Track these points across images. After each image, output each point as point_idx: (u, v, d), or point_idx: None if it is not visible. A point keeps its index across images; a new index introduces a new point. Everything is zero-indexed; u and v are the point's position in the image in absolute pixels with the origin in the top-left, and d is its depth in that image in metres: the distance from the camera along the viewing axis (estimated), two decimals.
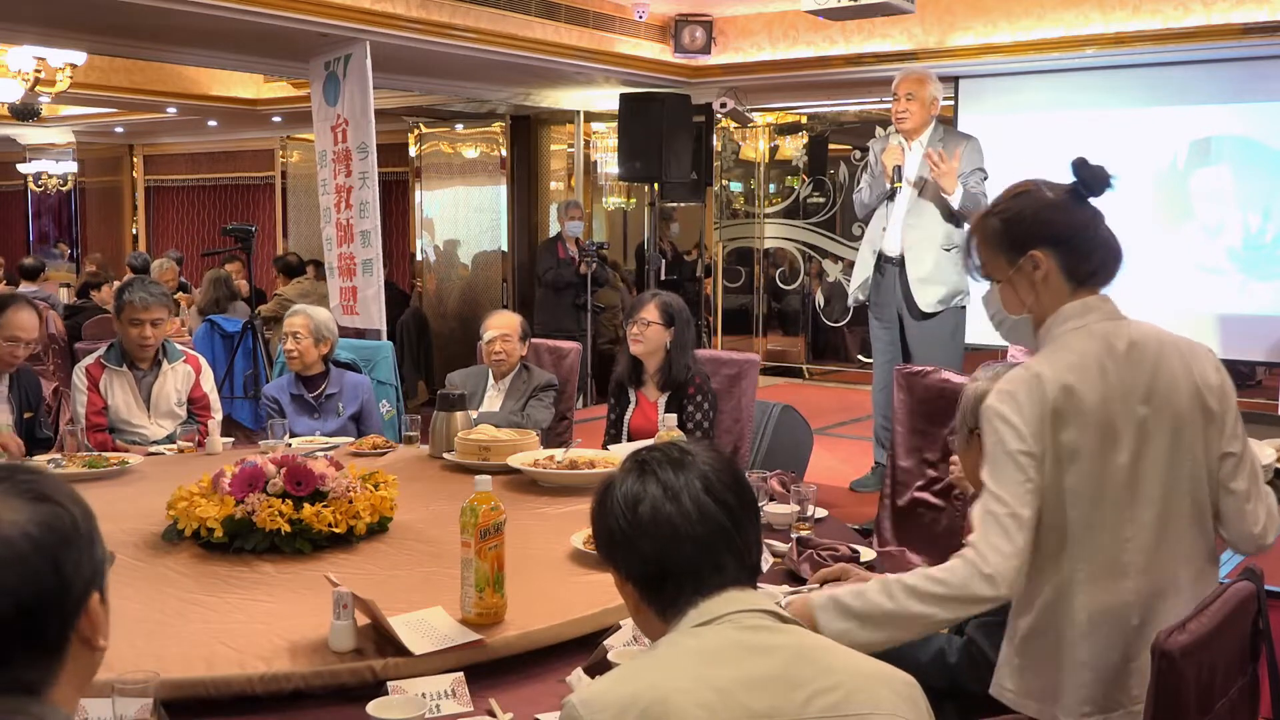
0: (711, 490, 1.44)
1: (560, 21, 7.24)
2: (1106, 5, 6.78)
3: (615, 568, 1.50)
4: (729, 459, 1.53)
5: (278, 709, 1.88)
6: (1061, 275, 1.97)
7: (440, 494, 3.15)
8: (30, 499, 1.17)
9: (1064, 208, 1.99)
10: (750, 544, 1.47)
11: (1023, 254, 1.98)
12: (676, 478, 1.44)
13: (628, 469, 1.49)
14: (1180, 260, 7.19)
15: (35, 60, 7.69)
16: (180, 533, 2.61)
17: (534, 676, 2.00)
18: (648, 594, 1.45)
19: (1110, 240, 2.01)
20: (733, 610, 1.38)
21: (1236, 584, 1.83)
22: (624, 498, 1.46)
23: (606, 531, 1.49)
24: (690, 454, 1.48)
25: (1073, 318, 1.96)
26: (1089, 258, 1.98)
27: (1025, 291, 2.00)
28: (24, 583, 1.13)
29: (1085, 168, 1.98)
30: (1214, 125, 7.07)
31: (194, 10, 5.55)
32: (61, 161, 13.62)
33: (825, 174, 9.00)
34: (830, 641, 1.45)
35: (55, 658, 1.16)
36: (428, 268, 10.37)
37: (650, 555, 1.43)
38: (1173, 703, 1.64)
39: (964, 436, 2.22)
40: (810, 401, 6.86)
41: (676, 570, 1.41)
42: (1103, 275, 2.00)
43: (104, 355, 4.11)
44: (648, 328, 3.89)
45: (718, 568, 1.41)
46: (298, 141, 11.81)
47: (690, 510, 1.42)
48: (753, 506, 1.50)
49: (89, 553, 1.19)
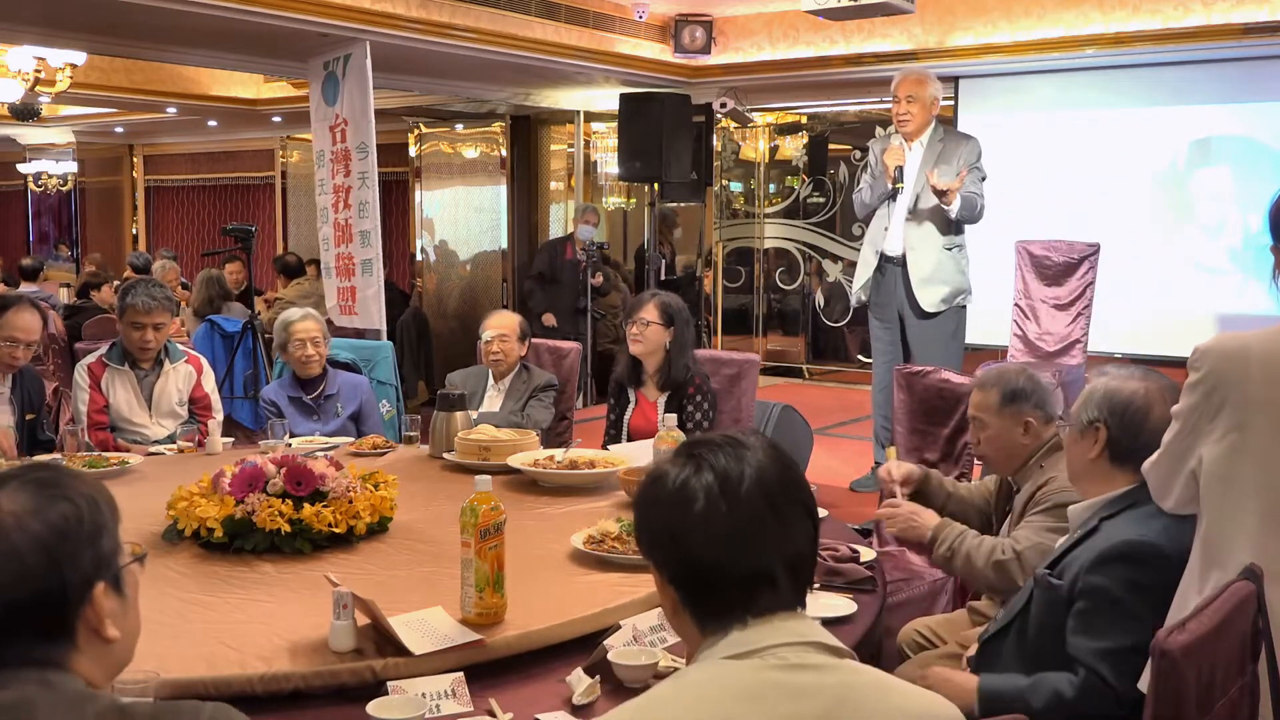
0: (770, 493, 1.30)
1: (560, 21, 7.24)
2: (1106, 5, 6.78)
3: (657, 567, 1.35)
4: (786, 455, 1.37)
5: (278, 709, 1.88)
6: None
7: (440, 494, 3.15)
8: (36, 492, 1.19)
9: None
10: (806, 554, 1.33)
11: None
12: (735, 472, 1.30)
13: (679, 458, 1.35)
14: (1180, 260, 7.19)
15: (35, 60, 7.68)
16: (180, 533, 2.61)
17: (534, 676, 2.00)
18: (690, 600, 1.32)
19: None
20: (777, 642, 1.26)
21: (1236, 584, 1.83)
22: (676, 490, 1.31)
23: (651, 526, 1.36)
24: (747, 447, 1.33)
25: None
26: None
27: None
28: (19, 576, 1.16)
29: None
30: (1214, 125, 7.08)
31: (194, 10, 5.55)
32: (61, 161, 13.62)
33: (825, 174, 9.00)
34: (882, 680, 1.31)
35: (63, 643, 1.20)
36: (428, 268, 10.37)
37: (699, 557, 1.29)
38: (1173, 702, 1.64)
39: (1080, 427, 2.21)
40: (810, 401, 6.86)
41: (725, 578, 1.29)
42: None
43: (106, 354, 4.12)
44: (647, 328, 3.89)
45: (772, 581, 1.29)
46: (298, 141, 11.81)
47: (747, 509, 1.29)
48: (812, 511, 1.35)
49: (92, 545, 1.21)
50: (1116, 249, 6.58)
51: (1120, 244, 6.76)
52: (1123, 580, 1.99)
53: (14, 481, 1.21)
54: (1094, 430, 2.15)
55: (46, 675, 1.16)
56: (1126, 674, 1.95)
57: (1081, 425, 2.20)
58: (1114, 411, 2.15)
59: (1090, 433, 2.16)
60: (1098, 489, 2.18)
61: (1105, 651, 1.98)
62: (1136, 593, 1.98)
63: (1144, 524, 2.05)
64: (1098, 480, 2.18)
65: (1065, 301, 6.32)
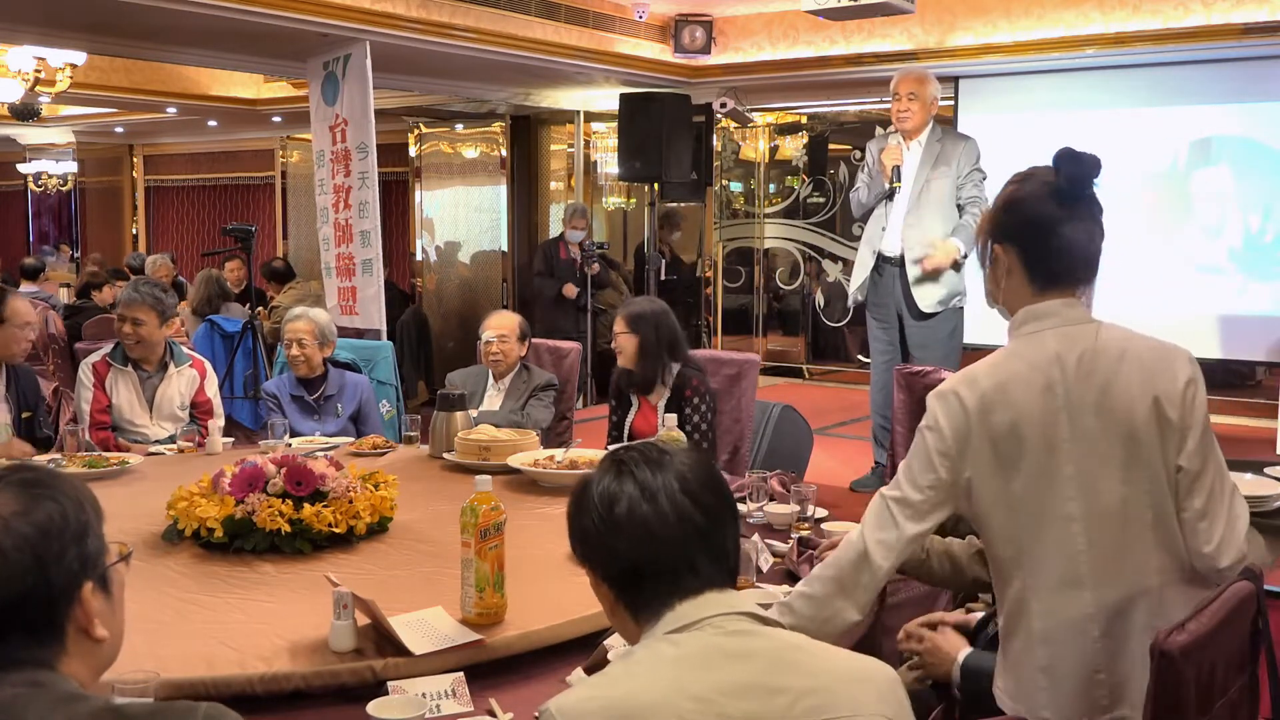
0: (689, 490, 1.42)
1: (560, 21, 7.24)
2: (1106, 5, 6.78)
3: (591, 568, 1.49)
4: (707, 459, 1.52)
5: (278, 709, 1.88)
6: (1024, 274, 1.92)
7: (440, 494, 3.15)
8: (18, 493, 1.20)
9: (1035, 202, 1.90)
10: (728, 545, 1.45)
11: (989, 246, 1.96)
12: (654, 477, 1.43)
13: (605, 468, 1.48)
14: (1180, 260, 7.19)
15: (35, 60, 7.68)
16: (180, 533, 2.62)
17: (534, 676, 2.00)
18: (624, 595, 1.44)
19: (1081, 243, 1.90)
20: (711, 614, 1.37)
21: (1236, 584, 1.83)
22: (600, 497, 1.44)
23: (582, 530, 1.48)
24: (668, 454, 1.47)
25: (1029, 321, 1.92)
26: (1051, 258, 1.90)
27: (993, 283, 1.99)
28: (5, 574, 1.16)
29: (1067, 163, 1.87)
30: (1214, 125, 7.08)
31: (194, 10, 5.55)
32: (61, 161, 13.62)
33: (825, 174, 9.00)
34: (812, 641, 1.43)
35: (51, 643, 1.20)
36: (428, 268, 10.37)
37: (626, 555, 1.42)
38: (1172, 703, 1.64)
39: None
40: (810, 401, 6.86)
41: (653, 571, 1.40)
42: (1067, 279, 1.91)
43: (110, 354, 4.13)
44: (620, 338, 3.93)
45: (694, 569, 1.40)
46: (298, 141, 11.80)
47: (667, 510, 1.40)
48: (731, 508, 1.48)
49: (78, 545, 1.22)
50: (1116, 249, 6.47)
51: (1120, 244, 6.70)
52: None
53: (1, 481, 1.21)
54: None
55: (37, 675, 1.17)
56: None
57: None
58: None
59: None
60: None
61: None
62: None
63: None
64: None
65: None
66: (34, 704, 1.14)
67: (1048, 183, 1.91)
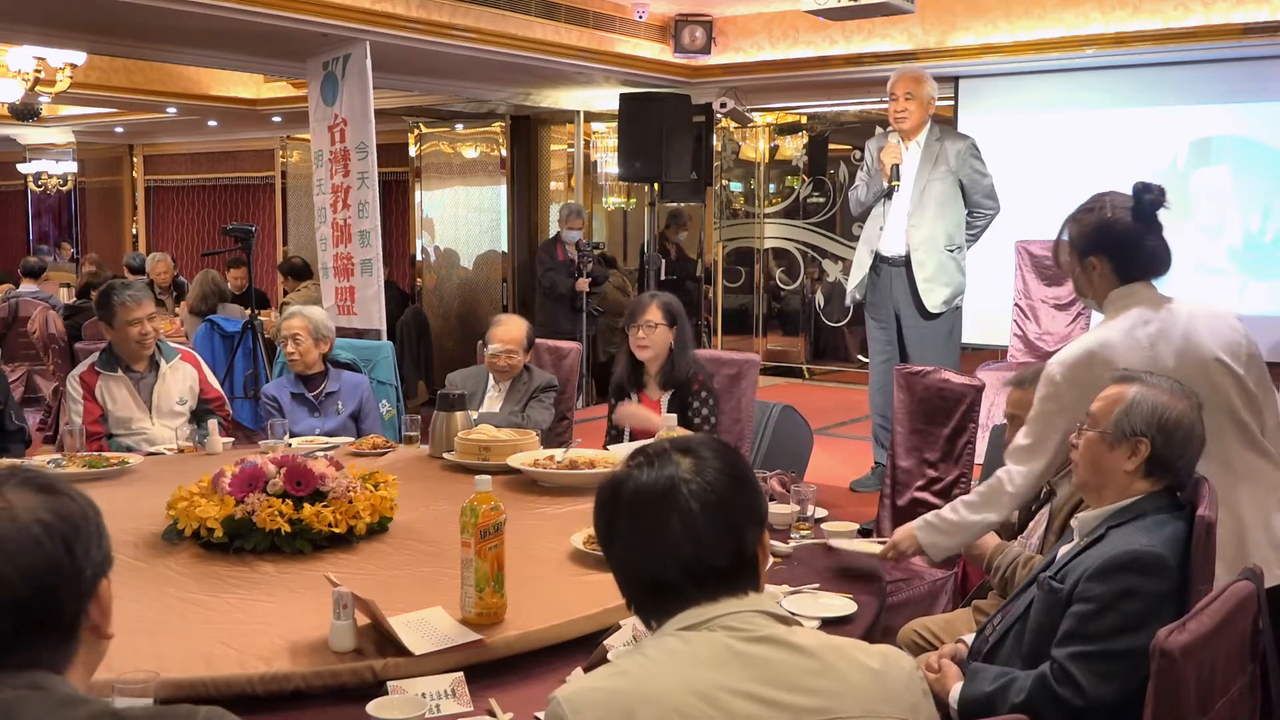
0: (714, 487, 1.41)
1: (560, 21, 7.24)
2: (1106, 5, 6.78)
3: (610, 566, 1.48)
4: (735, 453, 1.49)
5: (278, 709, 1.88)
6: (1112, 274, 2.60)
7: (440, 494, 3.15)
8: (38, 490, 1.22)
9: (1118, 224, 2.58)
10: (751, 540, 1.43)
11: (1085, 258, 2.62)
12: (679, 473, 1.41)
13: (635, 464, 1.46)
14: (1180, 260, 7.07)
15: (35, 60, 7.68)
16: (180, 533, 2.62)
17: (534, 676, 2.00)
18: (645, 593, 1.43)
19: (1157, 249, 2.61)
20: (727, 612, 1.37)
21: (1236, 584, 1.83)
22: (629, 494, 1.43)
23: (608, 527, 1.47)
24: (694, 449, 1.45)
25: (1117, 300, 2.59)
26: (1135, 263, 2.59)
27: (1085, 283, 2.67)
28: (42, 565, 1.18)
29: (1145, 192, 2.55)
30: (1214, 125, 7.07)
31: (194, 10, 5.54)
32: (61, 161, 13.62)
33: (825, 174, 9.00)
34: (826, 640, 1.42)
35: (69, 641, 1.22)
36: (428, 268, 10.37)
37: (650, 551, 1.41)
38: (1173, 702, 1.64)
39: (1117, 436, 2.15)
40: (810, 401, 6.86)
41: (676, 568, 1.39)
42: (1150, 273, 2.62)
43: (97, 362, 4.07)
44: (654, 330, 3.88)
45: (715, 567, 1.39)
46: (297, 141, 11.80)
47: (693, 507, 1.39)
48: (758, 505, 1.46)
49: (98, 540, 1.25)
50: None
51: None
52: (1122, 588, 1.98)
53: (10, 481, 1.22)
54: (1134, 443, 2.12)
55: (38, 678, 1.17)
56: (1099, 676, 1.93)
57: (1121, 435, 2.15)
58: (1162, 429, 2.12)
59: (1129, 444, 2.13)
60: (1114, 498, 2.15)
61: (1084, 654, 1.97)
62: (1133, 601, 1.97)
63: (1150, 533, 2.04)
64: (1118, 490, 2.15)
65: (1065, 301, 6.32)
66: (33, 707, 1.14)
67: (1129, 208, 2.58)
